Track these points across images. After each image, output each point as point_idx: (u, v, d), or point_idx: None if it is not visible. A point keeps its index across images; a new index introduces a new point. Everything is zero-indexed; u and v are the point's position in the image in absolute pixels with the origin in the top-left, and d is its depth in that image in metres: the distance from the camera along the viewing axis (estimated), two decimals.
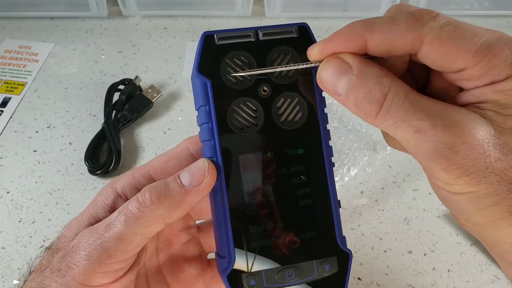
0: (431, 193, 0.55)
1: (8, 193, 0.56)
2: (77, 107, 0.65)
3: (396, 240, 0.51)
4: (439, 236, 0.52)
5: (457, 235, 0.52)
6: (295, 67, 0.27)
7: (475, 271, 0.49)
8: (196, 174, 0.27)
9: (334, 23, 0.78)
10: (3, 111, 0.65)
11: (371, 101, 0.24)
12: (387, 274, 0.49)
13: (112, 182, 0.31)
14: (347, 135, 0.60)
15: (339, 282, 0.28)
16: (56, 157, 0.59)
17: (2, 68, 0.71)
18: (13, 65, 0.71)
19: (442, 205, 0.54)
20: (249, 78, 0.28)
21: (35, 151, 0.60)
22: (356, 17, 0.86)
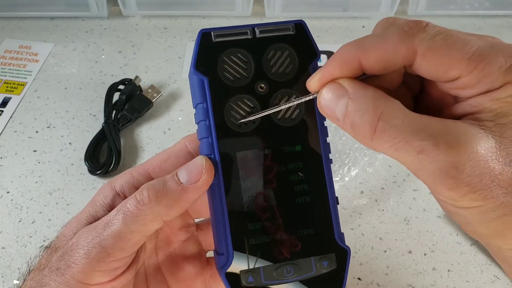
0: (431, 193, 0.55)
1: (8, 193, 0.56)
2: (77, 107, 0.65)
3: (396, 240, 0.51)
4: (439, 236, 0.52)
5: (457, 235, 0.52)
6: (298, 101, 0.27)
7: (475, 271, 0.49)
8: (193, 171, 0.27)
9: (334, 23, 0.78)
10: (3, 111, 0.65)
11: (364, 123, 0.23)
12: (387, 274, 0.49)
13: (110, 181, 0.31)
14: (348, 135, 0.60)
15: (338, 278, 0.28)
16: (56, 157, 0.59)
17: (2, 68, 0.71)
18: (13, 65, 0.71)
19: None
20: (246, 75, 0.28)
21: (35, 151, 0.60)
22: (356, 17, 0.86)
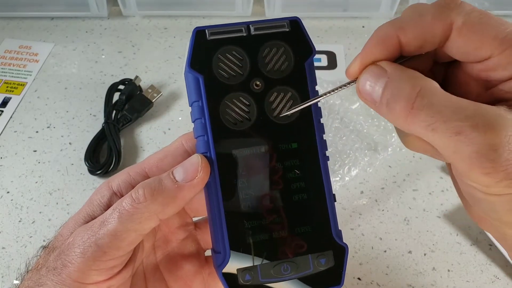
0: (431, 193, 0.55)
1: (8, 193, 0.56)
2: (77, 107, 0.65)
3: (396, 240, 0.51)
4: (439, 236, 0.51)
5: (457, 235, 0.51)
6: (338, 90, 0.26)
7: (475, 271, 0.49)
8: (189, 169, 0.27)
9: (334, 23, 0.78)
10: (3, 111, 0.65)
11: (400, 98, 0.22)
12: (387, 274, 0.49)
13: (108, 180, 0.31)
14: (349, 136, 0.60)
15: (336, 276, 0.28)
16: (56, 157, 0.59)
17: (2, 68, 0.71)
18: (13, 65, 0.71)
19: (442, 205, 0.54)
20: (241, 73, 0.27)
21: (35, 151, 0.60)
22: (356, 17, 0.86)
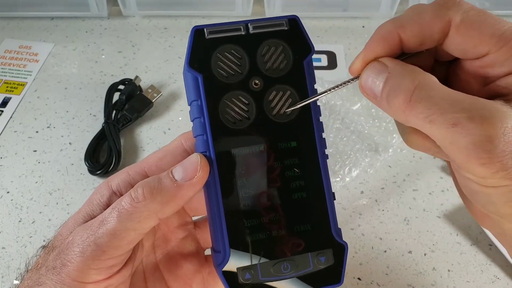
0: (431, 193, 0.55)
1: (8, 193, 0.56)
2: (77, 107, 0.65)
3: (396, 240, 0.51)
4: (439, 236, 0.51)
5: (457, 235, 0.51)
6: (342, 86, 0.27)
7: (475, 271, 0.49)
8: (188, 168, 0.27)
9: (334, 23, 0.78)
10: (3, 111, 0.65)
11: (399, 91, 0.23)
12: (387, 274, 0.49)
13: (107, 180, 0.31)
14: (349, 136, 0.60)
15: (335, 274, 0.28)
16: (56, 157, 0.59)
17: (2, 68, 0.71)
18: (13, 65, 0.71)
19: (442, 205, 0.54)
20: (240, 71, 0.27)
21: (35, 151, 0.60)
22: (356, 17, 0.86)
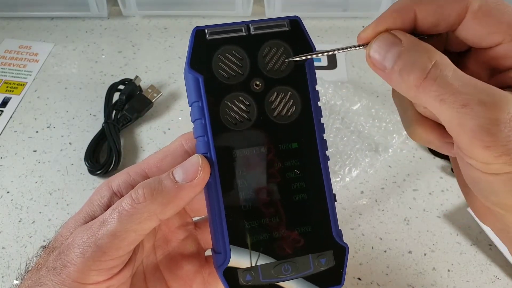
0: (431, 193, 0.55)
1: (8, 193, 0.56)
2: (77, 107, 0.65)
3: (396, 240, 0.51)
4: (439, 236, 0.51)
5: (457, 235, 0.51)
6: (346, 50, 0.27)
7: (475, 271, 0.49)
8: (189, 170, 0.27)
9: (334, 23, 0.78)
10: (3, 111, 0.65)
11: (416, 68, 0.23)
12: (387, 274, 0.49)
13: (107, 180, 0.31)
14: (350, 136, 0.60)
15: (336, 276, 0.28)
16: (56, 157, 0.59)
17: (2, 68, 0.71)
18: (13, 65, 0.71)
19: (442, 205, 0.54)
20: (241, 72, 0.27)
21: (35, 151, 0.60)
22: (356, 17, 0.86)
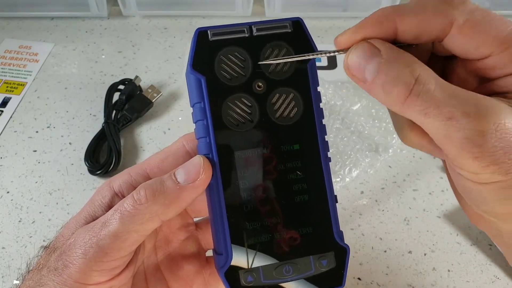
0: (431, 193, 0.55)
1: (8, 193, 0.56)
2: (77, 107, 0.65)
3: (396, 240, 0.51)
4: (439, 236, 0.51)
5: (457, 235, 0.51)
6: (324, 55, 0.27)
7: (475, 271, 0.49)
8: (191, 171, 0.27)
9: (334, 23, 0.78)
10: (3, 111, 0.65)
11: (399, 84, 0.22)
12: (387, 274, 0.49)
13: (109, 181, 0.31)
14: (350, 137, 0.60)
15: (337, 277, 0.28)
16: (56, 157, 0.59)
17: (2, 68, 0.71)
18: (13, 65, 0.71)
19: (442, 205, 0.54)
20: (243, 74, 0.27)
21: (35, 151, 0.60)
22: (356, 17, 0.86)
